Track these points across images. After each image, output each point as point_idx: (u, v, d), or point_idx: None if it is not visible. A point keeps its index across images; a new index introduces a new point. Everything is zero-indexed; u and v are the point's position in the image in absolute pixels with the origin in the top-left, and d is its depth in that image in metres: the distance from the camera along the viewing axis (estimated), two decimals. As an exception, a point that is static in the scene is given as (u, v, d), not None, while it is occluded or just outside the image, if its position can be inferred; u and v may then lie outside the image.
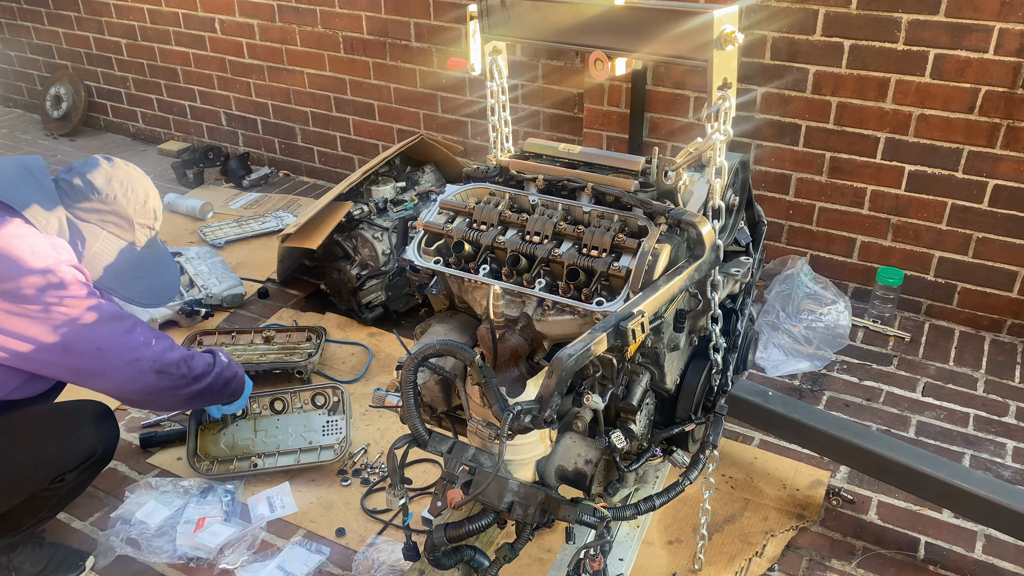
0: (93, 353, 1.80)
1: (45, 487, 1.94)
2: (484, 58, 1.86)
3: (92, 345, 1.80)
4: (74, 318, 1.77)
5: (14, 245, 1.74)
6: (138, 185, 2.05)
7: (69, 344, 1.77)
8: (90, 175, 1.99)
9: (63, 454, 1.93)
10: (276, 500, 2.37)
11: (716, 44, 1.45)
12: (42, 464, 1.91)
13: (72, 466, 1.96)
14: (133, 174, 2.07)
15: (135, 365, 1.87)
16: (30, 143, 5.15)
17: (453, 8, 3.72)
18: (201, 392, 2.08)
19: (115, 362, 1.84)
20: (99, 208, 1.99)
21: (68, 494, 2.05)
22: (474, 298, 1.78)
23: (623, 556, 2.13)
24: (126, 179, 2.03)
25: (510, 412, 1.44)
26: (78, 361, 1.80)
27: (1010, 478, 2.45)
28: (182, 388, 2.01)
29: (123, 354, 1.85)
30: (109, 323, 1.83)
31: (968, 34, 2.77)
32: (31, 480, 1.91)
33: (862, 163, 3.12)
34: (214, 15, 4.45)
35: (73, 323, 1.77)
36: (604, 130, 3.51)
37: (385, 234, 3.17)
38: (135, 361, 1.87)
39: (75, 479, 2.00)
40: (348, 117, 4.34)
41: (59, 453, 1.92)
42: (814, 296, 3.08)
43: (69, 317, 1.77)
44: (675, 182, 1.70)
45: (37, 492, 1.94)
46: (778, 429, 2.30)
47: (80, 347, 1.78)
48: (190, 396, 2.06)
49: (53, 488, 1.96)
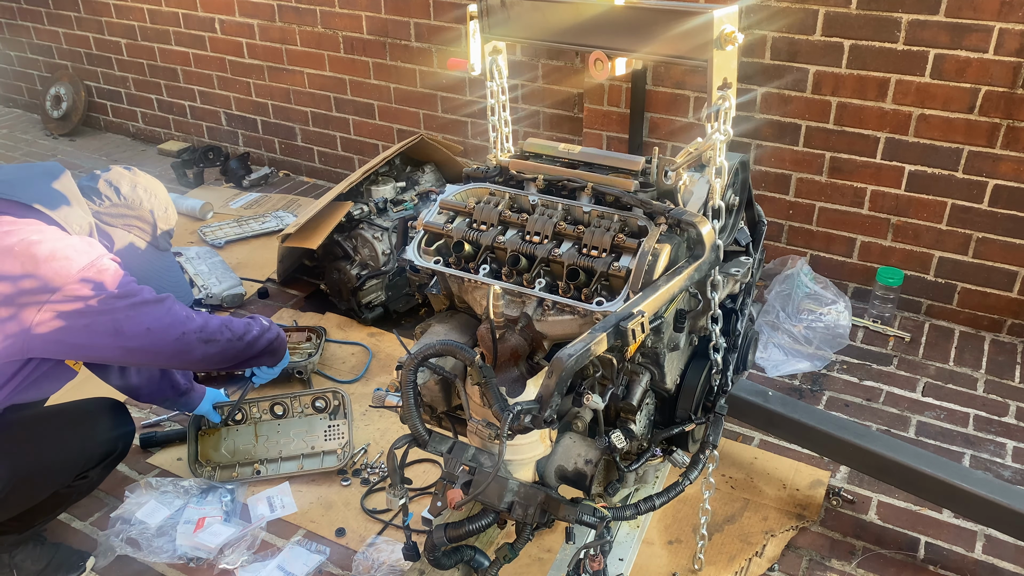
0: (143, 334, 1.86)
1: (69, 484, 1.99)
2: (484, 58, 1.86)
3: (141, 327, 1.86)
4: (121, 305, 1.84)
5: (58, 248, 1.81)
6: (159, 192, 2.18)
7: (120, 328, 1.83)
8: (115, 181, 2.10)
9: (87, 450, 1.98)
10: (276, 500, 2.37)
11: (716, 44, 1.45)
12: (68, 461, 1.95)
13: (95, 462, 2.02)
14: (153, 182, 2.19)
15: (183, 339, 1.93)
16: (30, 143, 5.15)
17: (453, 8, 3.72)
18: (246, 347, 2.13)
19: (165, 338, 1.90)
20: (124, 213, 2.09)
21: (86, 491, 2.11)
22: (474, 298, 1.78)
23: (623, 556, 2.13)
24: (149, 186, 2.15)
25: (510, 412, 1.44)
26: (131, 343, 1.86)
27: (1010, 478, 2.45)
28: (229, 349, 2.06)
29: (171, 330, 1.91)
30: (154, 305, 1.89)
31: (968, 34, 2.77)
32: (57, 477, 1.95)
33: (862, 163, 3.12)
34: (214, 15, 4.45)
35: (121, 309, 1.84)
36: (604, 130, 3.51)
37: (385, 234, 3.17)
38: (182, 335, 1.93)
39: (98, 475, 2.07)
40: (348, 117, 4.34)
41: (83, 449, 1.97)
42: (814, 296, 3.08)
43: (116, 305, 1.83)
44: (675, 182, 1.70)
45: (59, 489, 1.99)
46: (778, 429, 2.30)
47: (130, 330, 1.84)
48: (239, 353, 2.11)
49: (76, 485, 2.02)
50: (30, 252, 1.78)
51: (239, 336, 2.09)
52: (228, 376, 2.85)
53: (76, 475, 1.99)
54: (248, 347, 2.13)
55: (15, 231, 1.81)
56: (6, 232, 1.80)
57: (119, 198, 2.08)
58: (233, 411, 2.55)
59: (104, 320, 1.81)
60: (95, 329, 1.81)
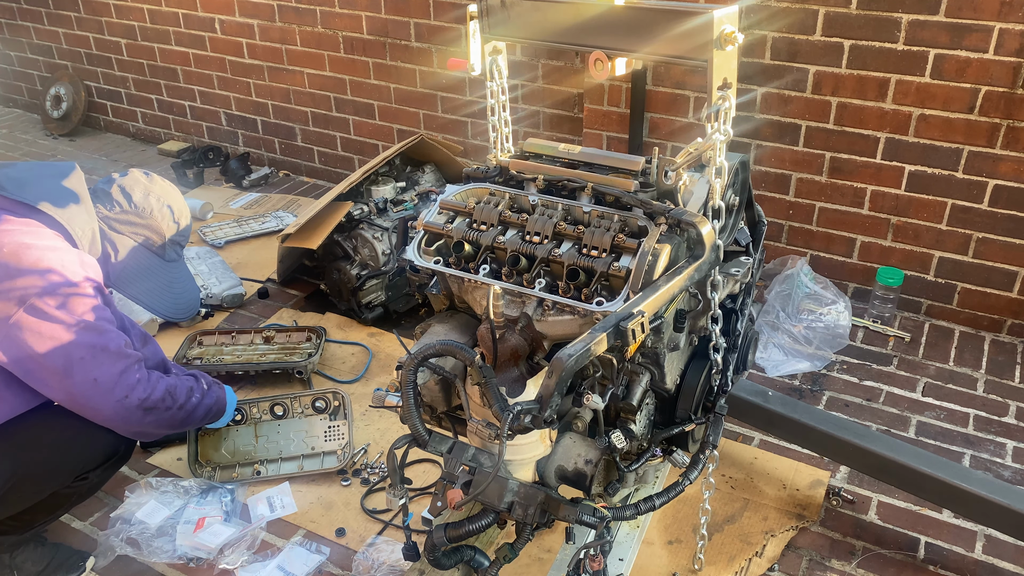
0: (88, 383, 1.82)
1: (68, 485, 1.97)
2: (484, 58, 1.86)
3: (89, 375, 1.82)
4: (82, 344, 1.80)
5: (46, 257, 1.78)
6: (173, 202, 2.14)
7: (70, 369, 1.79)
8: (128, 188, 2.07)
9: (88, 452, 1.96)
10: (276, 500, 2.37)
11: (716, 44, 1.45)
12: (67, 462, 1.93)
13: (96, 464, 2.00)
14: (169, 190, 2.15)
15: (123, 403, 1.88)
16: (30, 143, 5.15)
17: (453, 8, 3.72)
18: (184, 418, 2.09)
19: (106, 397, 1.85)
20: (134, 221, 2.07)
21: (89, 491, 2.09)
22: (474, 298, 1.78)
23: (623, 556, 2.12)
24: (162, 195, 2.12)
25: (510, 412, 1.44)
26: (75, 388, 1.82)
27: (1010, 478, 2.45)
28: (165, 418, 2.02)
29: (115, 391, 1.86)
30: (112, 359, 1.85)
31: (968, 34, 2.77)
32: (56, 478, 1.94)
33: (862, 163, 3.12)
34: (214, 15, 4.45)
35: (79, 349, 1.80)
36: (604, 130, 3.51)
37: (385, 234, 3.17)
38: (124, 399, 1.88)
39: (99, 476, 2.04)
40: (348, 117, 4.34)
41: (84, 451, 1.95)
42: (814, 296, 3.08)
43: (78, 342, 1.79)
44: (675, 182, 1.70)
45: (59, 490, 1.97)
46: (778, 429, 2.30)
47: (79, 374, 1.81)
48: (178, 423, 2.07)
49: (75, 486, 2.00)
50: (16, 254, 1.76)
51: (179, 405, 2.04)
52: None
53: (77, 476, 1.97)
54: (187, 416, 2.09)
55: (10, 231, 1.79)
56: (4, 231, 1.79)
57: (130, 205, 2.06)
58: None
59: (58, 352, 1.77)
60: (47, 361, 1.77)
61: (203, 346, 3.00)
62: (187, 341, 2.98)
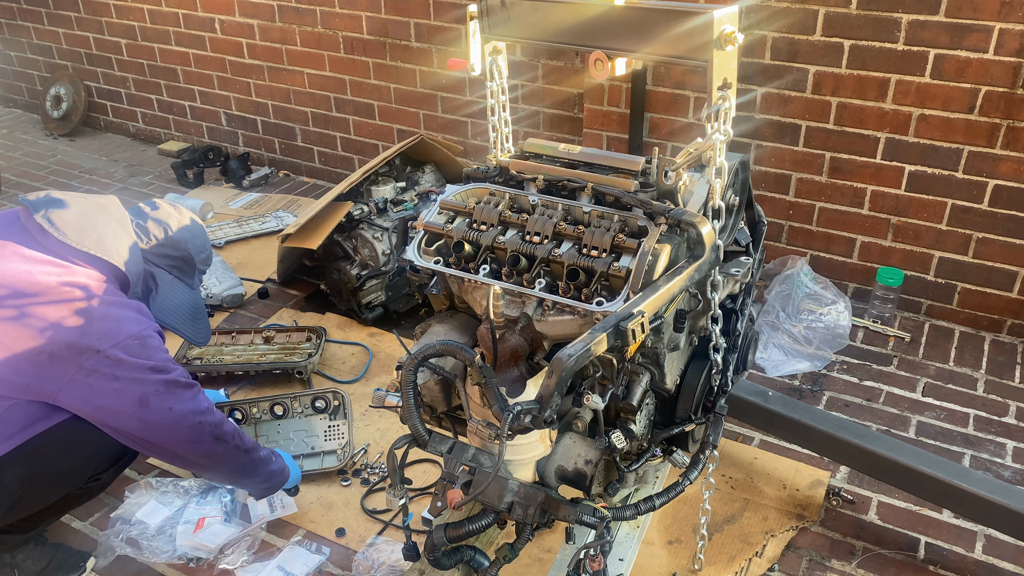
0: (165, 411, 1.89)
1: (80, 486, 1.98)
2: (484, 58, 1.86)
3: (165, 405, 1.88)
4: (154, 379, 1.87)
5: (113, 312, 1.86)
6: (199, 232, 2.22)
7: (146, 401, 1.86)
8: (165, 220, 2.14)
9: (101, 452, 1.97)
10: (276, 500, 2.37)
11: (716, 44, 1.45)
12: (83, 462, 1.95)
13: (109, 464, 2.01)
14: (195, 222, 2.23)
15: (199, 428, 1.95)
16: (30, 143, 5.15)
17: (453, 8, 3.72)
18: (247, 466, 2.12)
19: (182, 422, 1.92)
20: (169, 253, 2.13)
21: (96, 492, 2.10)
22: (474, 298, 1.78)
23: (623, 556, 2.13)
24: (191, 225, 2.19)
25: (510, 412, 1.44)
26: (151, 416, 1.88)
27: (1010, 478, 2.45)
28: (234, 458, 2.06)
29: (190, 416, 1.93)
30: (184, 388, 1.93)
31: (968, 34, 2.77)
32: (70, 478, 1.95)
33: (862, 163, 3.12)
34: (214, 15, 4.45)
35: (153, 383, 1.87)
36: (604, 130, 3.51)
37: (385, 234, 3.17)
38: (199, 424, 1.95)
39: (110, 476, 2.06)
40: (348, 117, 4.34)
41: (98, 451, 1.96)
42: (814, 296, 3.08)
43: (150, 377, 1.86)
44: (675, 182, 1.70)
45: (71, 491, 1.98)
46: (778, 429, 2.30)
47: (155, 404, 1.87)
48: (240, 467, 2.10)
49: (88, 487, 2.01)
50: (87, 307, 1.82)
51: (246, 449, 2.09)
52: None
53: (89, 477, 1.98)
54: (251, 464, 2.12)
55: (78, 282, 1.85)
56: (69, 284, 1.84)
57: (165, 239, 2.11)
58: (232, 412, 2.55)
59: (134, 389, 1.84)
60: (123, 395, 1.83)
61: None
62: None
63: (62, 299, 1.81)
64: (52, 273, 1.84)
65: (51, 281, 1.83)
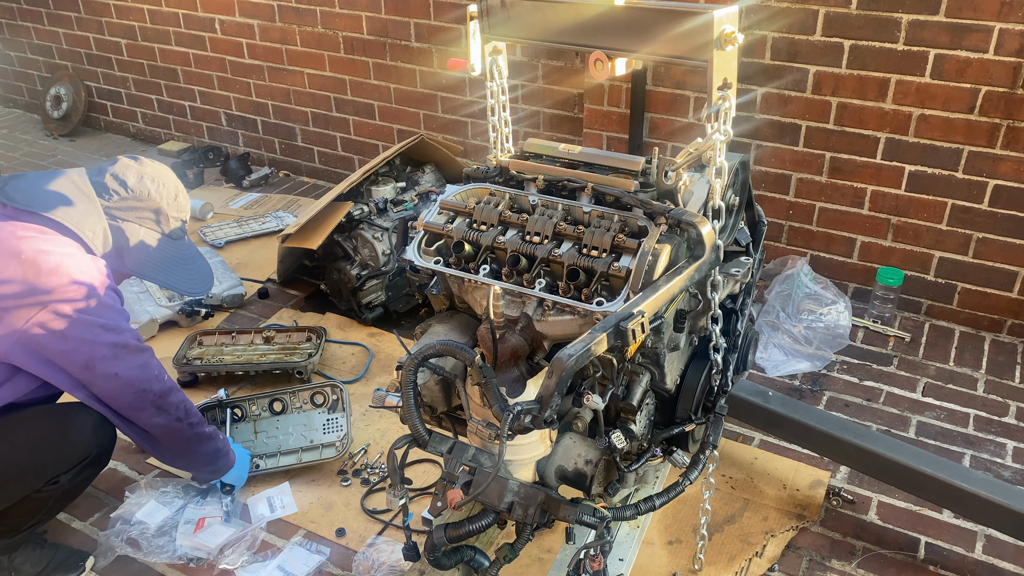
0: (110, 377, 1.88)
1: (39, 489, 1.94)
2: (484, 58, 1.86)
3: (111, 370, 1.88)
4: (104, 339, 1.86)
5: (64, 264, 1.84)
6: (167, 180, 2.17)
7: (92, 365, 1.85)
8: (122, 175, 2.10)
9: (58, 456, 1.94)
10: (276, 500, 2.37)
11: (716, 44, 1.45)
12: (36, 466, 1.92)
13: (66, 468, 1.96)
14: (161, 170, 2.19)
15: (142, 396, 1.94)
16: (30, 143, 5.15)
17: (453, 8, 3.72)
18: (190, 440, 2.10)
19: (127, 389, 1.91)
20: (134, 206, 2.09)
21: (65, 495, 2.03)
22: (474, 298, 1.78)
23: (623, 556, 2.12)
24: (156, 175, 2.15)
25: (510, 412, 1.44)
26: (96, 380, 1.88)
27: (1010, 478, 2.45)
28: (175, 429, 2.04)
29: (136, 383, 1.93)
30: (134, 353, 1.92)
31: (968, 34, 2.77)
32: (25, 482, 1.92)
33: (862, 163, 3.12)
34: (214, 15, 4.45)
35: (101, 348, 1.86)
36: (604, 130, 3.51)
37: (385, 234, 3.17)
38: (143, 392, 1.94)
39: (70, 481, 1.98)
40: (348, 117, 4.34)
41: (54, 455, 1.93)
42: (814, 296, 3.08)
43: (99, 337, 1.85)
44: (675, 182, 1.70)
45: (31, 494, 1.94)
46: (778, 429, 2.30)
47: (100, 369, 1.86)
48: (181, 441, 2.08)
49: (47, 490, 1.95)
50: (36, 261, 1.81)
51: (190, 423, 2.07)
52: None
53: (47, 480, 1.93)
54: (193, 440, 2.10)
55: (28, 238, 1.84)
56: (20, 237, 1.84)
57: (127, 191, 2.08)
58: (231, 409, 2.56)
59: (82, 351, 1.83)
60: (70, 357, 1.83)
61: (203, 346, 3.00)
62: (187, 341, 2.98)
63: (11, 253, 1.80)
64: (3, 229, 1.84)
65: (1, 235, 1.83)
